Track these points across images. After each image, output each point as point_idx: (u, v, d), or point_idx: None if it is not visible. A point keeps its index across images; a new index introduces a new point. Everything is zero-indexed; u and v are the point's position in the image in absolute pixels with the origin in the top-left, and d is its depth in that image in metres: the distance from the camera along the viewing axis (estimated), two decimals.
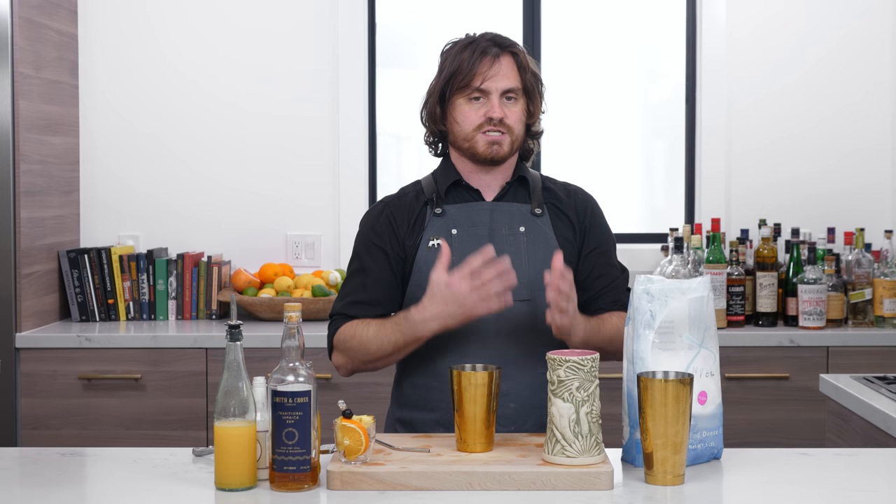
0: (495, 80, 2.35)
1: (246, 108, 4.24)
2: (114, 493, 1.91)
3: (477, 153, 2.37)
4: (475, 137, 2.36)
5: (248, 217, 4.24)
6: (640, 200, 4.53)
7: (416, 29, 4.46)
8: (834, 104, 4.25)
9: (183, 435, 3.64)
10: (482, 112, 2.35)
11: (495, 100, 2.35)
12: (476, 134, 2.36)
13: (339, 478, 1.88)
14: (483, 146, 2.36)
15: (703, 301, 2.05)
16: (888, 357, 3.68)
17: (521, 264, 2.34)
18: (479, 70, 2.35)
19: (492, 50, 2.37)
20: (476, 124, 2.36)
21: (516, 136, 2.38)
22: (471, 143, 2.37)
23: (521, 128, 2.39)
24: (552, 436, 1.94)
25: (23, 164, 3.69)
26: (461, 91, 2.36)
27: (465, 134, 2.37)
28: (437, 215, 2.39)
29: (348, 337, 2.34)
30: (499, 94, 2.35)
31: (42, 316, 3.84)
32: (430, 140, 2.48)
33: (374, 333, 2.30)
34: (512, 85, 2.37)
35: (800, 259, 3.91)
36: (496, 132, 2.35)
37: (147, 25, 4.24)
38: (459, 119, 2.37)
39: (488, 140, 2.35)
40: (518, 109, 2.38)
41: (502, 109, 2.35)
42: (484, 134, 2.35)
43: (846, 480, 1.98)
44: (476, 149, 2.37)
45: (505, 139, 2.36)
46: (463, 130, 2.37)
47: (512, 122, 2.36)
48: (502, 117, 2.34)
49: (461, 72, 2.35)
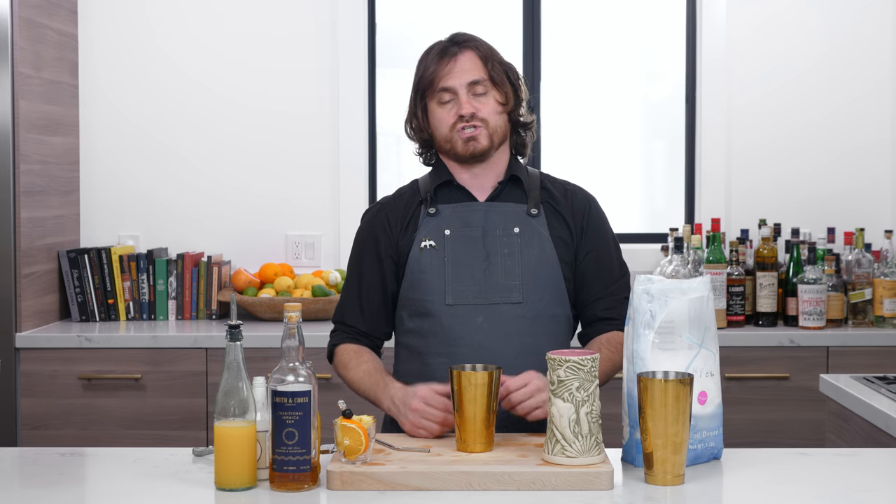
0: (458, 76, 2.37)
1: (246, 108, 4.24)
2: (114, 493, 1.91)
3: (457, 152, 2.39)
4: (453, 137, 2.38)
5: (248, 217, 4.24)
6: (640, 200, 4.53)
7: (416, 29, 4.46)
8: (834, 103, 4.25)
9: (183, 435, 3.64)
10: (454, 111, 2.38)
11: (463, 96, 2.36)
12: (452, 134, 2.38)
13: (339, 478, 1.88)
14: (461, 144, 2.38)
15: (703, 301, 2.05)
16: (888, 357, 3.68)
17: (514, 265, 2.34)
18: (440, 70, 2.38)
19: (450, 49, 2.40)
20: (450, 124, 2.38)
21: (493, 129, 2.38)
22: (451, 143, 2.39)
23: (497, 119, 2.39)
24: (552, 436, 1.94)
25: (23, 164, 3.69)
26: (430, 95, 2.40)
27: (443, 136, 2.40)
28: (430, 215, 2.40)
29: (341, 366, 2.44)
30: (465, 89, 2.37)
31: (42, 316, 3.84)
32: (420, 151, 2.50)
33: (358, 378, 2.38)
34: (475, 77, 2.37)
35: (800, 259, 3.91)
36: (470, 128, 2.36)
37: (147, 25, 4.24)
38: (435, 123, 2.41)
39: (464, 137, 2.37)
40: (490, 101, 2.39)
41: (471, 104, 2.36)
42: (460, 132, 2.37)
43: (846, 480, 1.98)
44: (456, 148, 2.38)
45: (480, 132, 2.37)
46: (441, 133, 2.40)
47: (485, 114, 2.37)
48: (473, 112, 2.36)
49: (425, 77, 2.40)
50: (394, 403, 2.24)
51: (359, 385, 2.37)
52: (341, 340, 2.46)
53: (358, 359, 2.40)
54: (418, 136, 2.46)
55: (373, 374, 2.35)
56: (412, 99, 2.46)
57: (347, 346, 2.44)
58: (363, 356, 2.40)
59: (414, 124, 2.46)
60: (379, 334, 2.47)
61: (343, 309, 2.47)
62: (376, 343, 2.47)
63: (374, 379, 2.34)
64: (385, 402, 2.28)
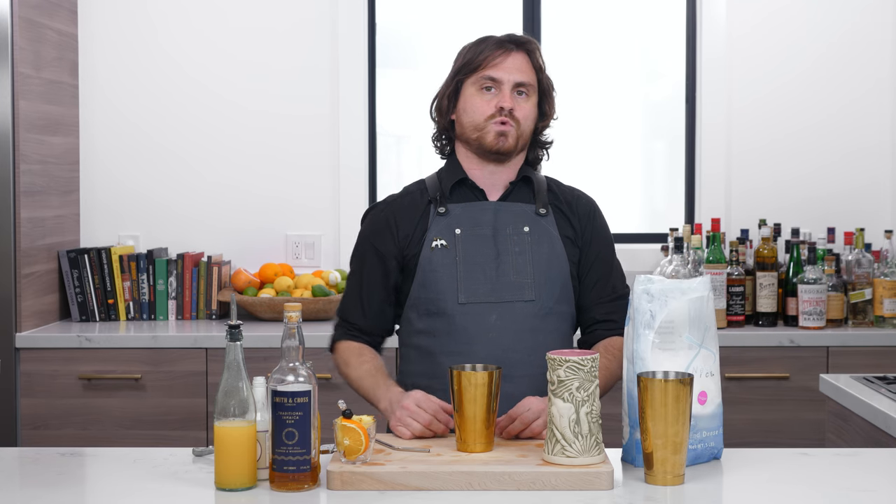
0: (508, 72, 2.37)
1: (246, 109, 4.24)
2: (114, 493, 1.91)
3: (485, 144, 2.37)
4: (486, 127, 2.36)
5: (248, 217, 4.24)
6: (640, 200, 4.53)
7: (416, 29, 4.46)
8: (834, 103, 4.25)
9: (183, 435, 3.64)
10: (493, 102, 2.36)
11: (507, 90, 2.36)
12: (487, 124, 2.36)
13: (339, 478, 1.88)
14: (492, 136, 2.36)
15: (703, 301, 2.05)
16: (888, 357, 3.68)
17: (525, 264, 2.35)
18: (492, 58, 2.37)
19: (507, 44, 2.40)
20: (487, 114, 2.36)
21: (523, 132, 2.39)
22: (480, 132, 2.37)
23: (529, 125, 2.40)
24: (552, 436, 1.94)
25: (23, 164, 3.69)
26: (472, 77, 2.37)
27: (475, 124, 2.37)
28: (440, 214, 2.40)
29: (342, 362, 2.45)
30: (511, 85, 2.36)
31: (42, 316, 3.84)
32: (437, 136, 2.48)
33: (359, 376, 2.38)
34: (524, 79, 2.37)
35: (800, 259, 3.91)
36: (505, 123, 2.35)
37: (147, 25, 4.24)
38: (469, 109, 2.38)
39: (497, 130, 2.36)
40: (529, 106, 2.39)
41: (513, 101, 2.36)
42: (495, 124, 2.36)
43: (846, 480, 1.98)
44: (484, 139, 2.37)
45: (512, 131, 2.36)
46: (473, 120, 2.38)
47: (521, 116, 2.37)
48: (512, 108, 2.35)
49: (475, 60, 2.38)
50: (390, 404, 2.24)
51: (359, 383, 2.38)
52: (343, 336, 2.47)
53: (360, 357, 2.40)
54: (439, 118, 2.45)
55: (374, 374, 2.35)
56: (448, 80, 2.43)
57: (350, 344, 2.45)
58: (365, 355, 2.41)
59: (439, 105, 2.44)
60: (380, 332, 2.48)
61: (346, 306, 2.48)
62: (377, 341, 2.48)
63: (376, 380, 2.34)
64: (383, 402, 2.28)
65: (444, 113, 2.43)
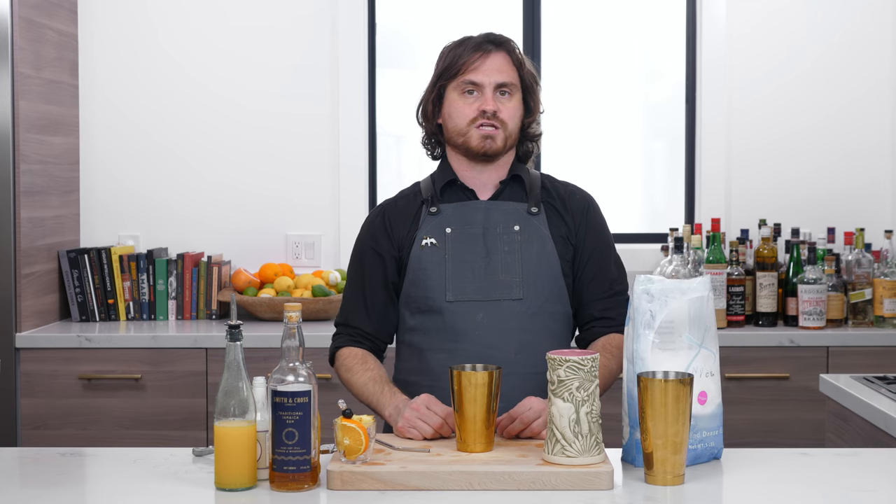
0: (488, 74, 2.36)
1: (246, 108, 4.24)
2: (114, 493, 1.91)
3: (470, 147, 2.37)
4: (469, 132, 2.37)
5: (248, 217, 4.24)
6: (640, 200, 4.53)
7: (416, 29, 4.46)
8: (834, 103, 4.25)
9: (183, 435, 3.64)
10: (476, 106, 2.36)
11: (489, 93, 2.36)
12: (470, 128, 2.36)
13: (339, 478, 1.88)
14: (477, 140, 2.36)
15: (703, 301, 2.05)
16: (888, 357, 3.68)
17: (514, 262, 2.35)
18: (471, 62, 2.36)
19: (485, 45, 2.39)
20: (469, 118, 2.36)
21: (510, 132, 2.38)
22: (465, 137, 2.37)
23: (515, 124, 2.39)
24: (552, 436, 1.94)
25: (23, 164, 3.69)
26: (453, 82, 2.37)
27: (458, 128, 2.38)
28: (431, 214, 2.40)
29: (344, 369, 2.42)
30: (492, 87, 2.36)
31: (42, 316, 3.84)
32: (426, 141, 2.49)
33: (362, 383, 2.36)
34: (505, 79, 2.37)
35: (800, 259, 3.91)
36: (489, 126, 2.35)
37: (147, 25, 4.24)
38: (453, 113, 2.38)
39: (482, 134, 2.36)
40: (513, 105, 2.38)
41: (496, 103, 2.36)
42: (478, 128, 2.36)
43: (846, 480, 1.98)
44: (469, 143, 2.37)
45: (498, 134, 2.36)
46: (456, 125, 2.38)
47: (506, 116, 2.37)
48: (496, 111, 2.35)
49: (455, 64, 2.37)
50: (396, 409, 2.22)
51: (362, 390, 2.35)
52: (344, 343, 2.45)
53: (363, 364, 2.38)
54: (426, 124, 2.45)
55: (378, 381, 2.34)
56: (430, 85, 2.43)
57: (352, 350, 2.42)
58: (368, 362, 2.39)
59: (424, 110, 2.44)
60: (384, 336, 2.46)
61: (347, 311, 2.46)
62: (379, 346, 2.46)
63: (380, 387, 2.32)
64: (388, 409, 2.26)
65: (430, 118, 2.44)
